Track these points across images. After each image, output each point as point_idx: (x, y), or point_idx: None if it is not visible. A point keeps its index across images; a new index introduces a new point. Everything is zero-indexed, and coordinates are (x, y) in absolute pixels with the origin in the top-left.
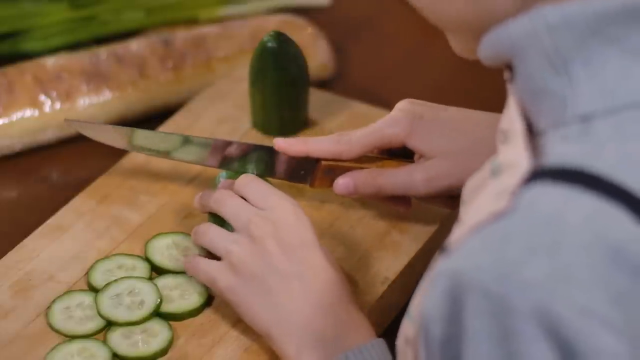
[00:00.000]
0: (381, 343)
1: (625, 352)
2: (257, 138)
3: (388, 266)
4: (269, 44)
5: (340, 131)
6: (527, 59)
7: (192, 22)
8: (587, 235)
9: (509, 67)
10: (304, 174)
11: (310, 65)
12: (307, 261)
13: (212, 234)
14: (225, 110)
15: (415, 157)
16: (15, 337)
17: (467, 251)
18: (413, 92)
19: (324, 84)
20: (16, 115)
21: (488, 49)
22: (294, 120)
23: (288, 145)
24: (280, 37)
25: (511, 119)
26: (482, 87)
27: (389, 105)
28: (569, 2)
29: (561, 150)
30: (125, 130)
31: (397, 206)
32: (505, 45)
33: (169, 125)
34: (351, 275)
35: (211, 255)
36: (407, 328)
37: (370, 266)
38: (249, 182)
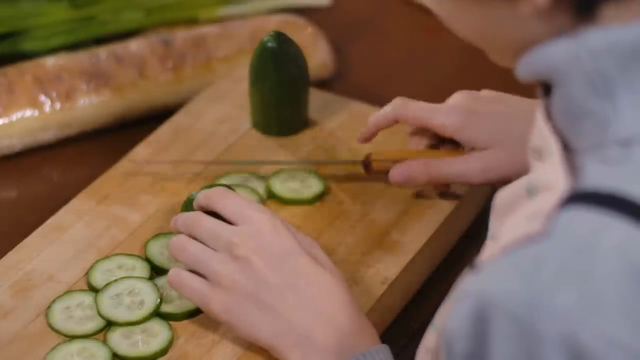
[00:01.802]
0: (385, 349)
1: None
2: (257, 138)
3: (388, 266)
4: (269, 44)
5: (340, 130)
6: (569, 81)
7: (192, 22)
8: (619, 264)
9: (545, 85)
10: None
11: (310, 65)
12: (296, 271)
13: (192, 250)
14: (225, 110)
15: (466, 149)
16: (15, 337)
17: (497, 273)
18: (413, 92)
19: (324, 84)
20: (16, 115)
21: (526, 70)
22: (294, 120)
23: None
24: (280, 37)
25: (543, 136)
26: (482, 87)
27: None
28: (612, 26)
29: (599, 173)
30: None
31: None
32: (545, 67)
33: (169, 125)
34: (351, 275)
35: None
36: (429, 338)
37: (370, 266)
38: (222, 197)
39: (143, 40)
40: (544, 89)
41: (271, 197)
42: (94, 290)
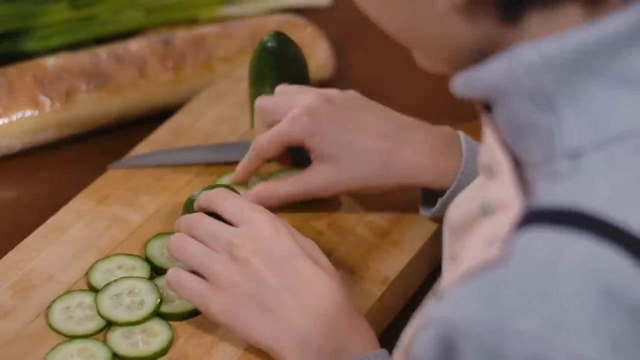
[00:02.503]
0: (384, 353)
1: None
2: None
3: (388, 266)
4: (269, 44)
5: None
6: (508, 98)
7: (192, 22)
8: (581, 281)
9: (485, 103)
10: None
11: (310, 65)
12: (296, 273)
13: (192, 251)
14: (225, 110)
15: (312, 156)
16: (15, 337)
17: (459, 300)
18: (413, 92)
19: (324, 84)
20: (16, 116)
21: (462, 90)
22: None
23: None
24: (280, 37)
25: (493, 153)
26: None
27: (388, 105)
28: (545, 39)
29: (551, 190)
30: None
31: None
32: (481, 88)
33: (169, 125)
34: (351, 275)
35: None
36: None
37: (370, 266)
38: (223, 198)
39: (143, 40)
40: (485, 106)
41: None
42: (94, 290)
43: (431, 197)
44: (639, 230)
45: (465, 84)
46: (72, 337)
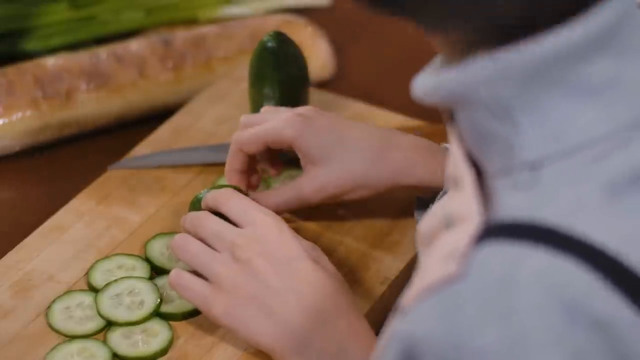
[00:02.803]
0: None
1: None
2: None
3: (388, 266)
4: (269, 44)
5: None
6: (467, 107)
7: (192, 22)
8: (540, 294)
9: (447, 111)
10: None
11: (310, 65)
12: (297, 274)
13: (195, 251)
14: (225, 110)
15: (302, 162)
16: (15, 337)
17: (420, 316)
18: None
19: (324, 84)
20: (16, 116)
21: (421, 93)
22: None
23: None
24: (280, 37)
25: (457, 164)
26: None
27: (388, 106)
28: (502, 51)
29: (511, 202)
30: None
31: None
32: (442, 96)
33: (169, 125)
34: (351, 275)
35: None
36: None
37: (370, 266)
38: (228, 199)
39: (143, 40)
40: (450, 117)
41: None
42: (94, 290)
43: (425, 202)
44: (599, 242)
45: (426, 90)
46: (72, 337)
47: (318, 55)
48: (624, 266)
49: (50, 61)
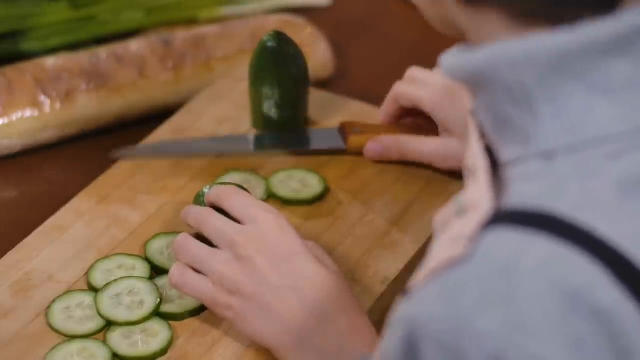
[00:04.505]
0: None
1: None
2: None
3: (388, 266)
4: (269, 44)
5: None
6: (490, 89)
7: (192, 22)
8: (542, 282)
9: (472, 95)
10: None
11: (310, 65)
12: (298, 271)
13: (196, 251)
14: (225, 110)
15: (440, 129)
16: (15, 337)
17: (423, 298)
18: None
19: (324, 84)
20: (16, 115)
21: (449, 70)
22: (294, 120)
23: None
24: (280, 37)
25: (475, 154)
26: None
27: None
28: (532, 36)
29: (522, 191)
30: None
31: None
32: (466, 73)
33: (168, 125)
34: (351, 275)
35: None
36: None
37: (370, 266)
38: (231, 195)
39: (143, 40)
40: (472, 93)
41: (271, 197)
42: (94, 290)
43: None
44: (605, 236)
45: (452, 65)
46: (72, 337)
47: (318, 55)
48: (628, 260)
49: (50, 61)
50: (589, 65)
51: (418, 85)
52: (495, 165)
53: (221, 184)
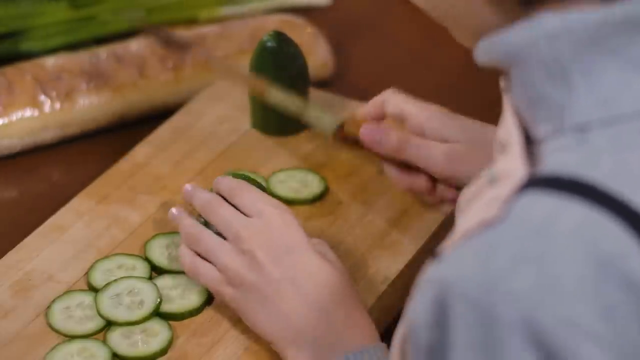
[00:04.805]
0: (382, 347)
1: None
2: (257, 138)
3: (388, 266)
4: (269, 44)
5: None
6: (525, 67)
7: (192, 22)
8: (576, 246)
9: (505, 74)
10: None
11: (310, 65)
12: (300, 265)
13: (205, 241)
14: (225, 110)
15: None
16: (15, 337)
17: (455, 259)
18: (413, 92)
19: (324, 84)
20: (16, 115)
21: (485, 55)
22: (294, 120)
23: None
24: (280, 37)
25: (508, 129)
26: (482, 87)
27: None
28: (569, 11)
29: (556, 159)
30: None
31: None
32: (501, 53)
33: (169, 125)
34: (351, 275)
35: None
36: (400, 331)
37: (370, 266)
38: (242, 191)
39: (143, 40)
40: (507, 81)
41: None
42: (93, 290)
43: None
44: (638, 205)
45: (487, 48)
46: (72, 337)
47: (318, 55)
48: None
49: (50, 61)
50: (626, 41)
51: (411, 103)
52: (528, 143)
53: (237, 175)
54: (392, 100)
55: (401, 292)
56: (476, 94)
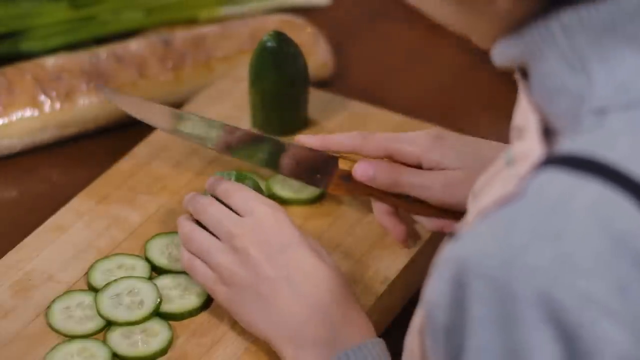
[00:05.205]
0: (381, 343)
1: (626, 341)
2: None
3: (388, 266)
4: (269, 44)
5: (340, 130)
6: (543, 60)
7: (192, 22)
8: (592, 223)
9: (522, 68)
10: (320, 178)
11: (310, 65)
12: (293, 263)
13: (199, 241)
14: (225, 110)
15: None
16: (15, 337)
17: (473, 237)
18: (413, 92)
19: (324, 84)
20: (16, 115)
21: (503, 55)
22: (294, 120)
23: (307, 138)
24: (280, 37)
25: (524, 114)
26: (482, 87)
27: (388, 106)
28: (584, 4)
29: (574, 140)
30: (171, 113)
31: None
32: (519, 50)
33: None
34: (351, 275)
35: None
36: (418, 316)
37: (370, 266)
38: (233, 192)
39: (143, 40)
40: (522, 73)
41: (271, 197)
42: (93, 290)
43: None
44: None
45: (504, 48)
46: (72, 337)
47: (318, 55)
48: None
49: (50, 61)
50: None
51: (394, 138)
52: (547, 135)
53: (239, 174)
54: (370, 144)
55: (401, 292)
56: (476, 94)
